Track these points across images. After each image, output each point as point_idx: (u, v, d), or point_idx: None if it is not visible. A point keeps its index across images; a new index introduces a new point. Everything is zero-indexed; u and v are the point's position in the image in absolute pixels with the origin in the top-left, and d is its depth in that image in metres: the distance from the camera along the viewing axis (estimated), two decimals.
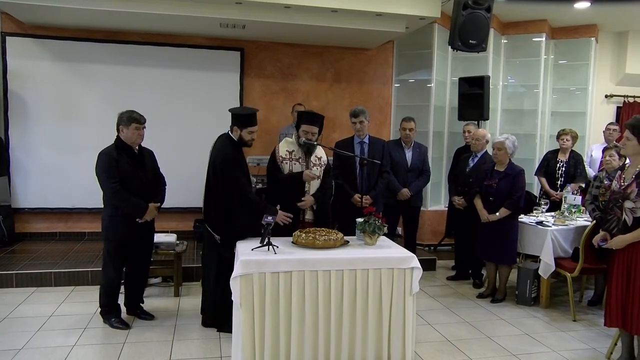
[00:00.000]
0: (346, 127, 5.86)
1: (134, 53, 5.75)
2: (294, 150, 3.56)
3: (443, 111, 6.47)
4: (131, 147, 3.49)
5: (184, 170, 5.79)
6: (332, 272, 2.79)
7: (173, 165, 5.78)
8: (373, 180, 4.33)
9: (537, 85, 6.54)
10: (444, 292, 4.68)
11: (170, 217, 5.93)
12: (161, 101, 5.84)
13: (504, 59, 6.67)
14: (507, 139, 4.27)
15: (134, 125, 3.45)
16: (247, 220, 3.04)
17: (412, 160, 4.88)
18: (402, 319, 2.91)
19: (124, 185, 3.39)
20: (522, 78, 6.67)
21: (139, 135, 3.48)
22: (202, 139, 5.48)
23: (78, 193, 5.61)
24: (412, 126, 4.85)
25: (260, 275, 2.70)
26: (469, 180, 4.67)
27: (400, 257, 2.92)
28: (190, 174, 5.67)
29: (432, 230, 6.32)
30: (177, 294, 4.31)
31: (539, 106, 6.57)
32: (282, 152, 3.56)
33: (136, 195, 3.44)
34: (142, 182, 3.50)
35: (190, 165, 5.74)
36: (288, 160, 3.54)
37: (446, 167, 6.37)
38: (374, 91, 6.64)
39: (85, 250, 5.21)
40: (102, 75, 5.70)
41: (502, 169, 4.30)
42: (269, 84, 6.29)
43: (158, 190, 3.65)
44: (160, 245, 4.30)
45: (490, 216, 4.26)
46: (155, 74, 5.83)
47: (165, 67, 5.84)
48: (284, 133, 5.67)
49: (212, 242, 3.33)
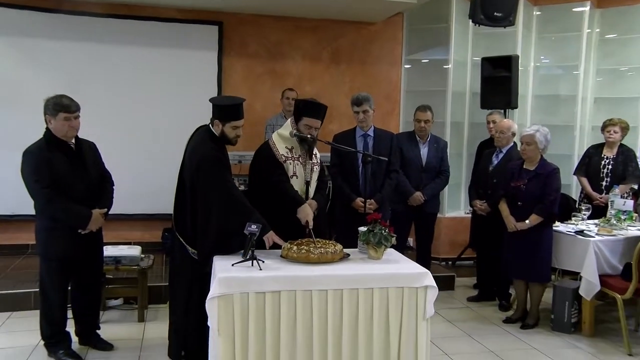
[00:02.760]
0: (346, 117, 5.85)
1: (90, 26, 5.73)
2: (292, 147, 3.52)
3: (462, 98, 6.50)
4: (65, 141, 3.41)
5: (151, 170, 5.79)
6: (329, 292, 2.78)
7: (137, 164, 5.85)
8: (379, 181, 4.34)
9: (576, 65, 6.53)
10: (464, 316, 4.70)
11: (134, 225, 5.92)
12: (122, 85, 5.84)
13: (536, 34, 6.68)
14: (537, 131, 4.28)
15: (62, 115, 3.34)
16: (238, 227, 2.99)
17: (427, 157, 4.90)
18: (413, 349, 2.90)
19: (60, 189, 3.32)
20: (559, 57, 6.68)
21: (70, 127, 3.38)
22: (172, 131, 5.48)
23: (17, 197, 5.52)
24: (428, 117, 4.86)
25: (242, 296, 2.69)
26: (493, 181, 4.69)
27: (411, 274, 2.92)
28: (158, 174, 5.67)
29: (450, 242, 6.34)
30: (142, 319, 4.30)
31: (579, 91, 6.56)
32: (282, 150, 3.50)
33: (76, 201, 3.38)
34: (83, 183, 3.44)
35: (158, 164, 5.75)
36: (291, 160, 3.49)
37: (467, 165, 6.39)
38: (379, 74, 6.66)
39: (28, 267, 5.16)
40: (50, 53, 5.66)
41: (532, 168, 4.32)
42: (253, 65, 6.29)
43: (104, 193, 3.61)
44: (122, 260, 4.29)
45: (518, 224, 4.27)
46: (115, 52, 5.82)
47: (128, 44, 5.84)
48: (272, 124, 5.67)
49: (183, 255, 3.32)
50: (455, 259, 6.28)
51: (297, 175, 3.49)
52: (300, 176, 3.51)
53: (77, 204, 3.39)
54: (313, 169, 3.57)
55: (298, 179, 3.50)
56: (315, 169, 3.60)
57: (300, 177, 3.50)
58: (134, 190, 5.60)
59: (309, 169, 3.55)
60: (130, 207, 5.74)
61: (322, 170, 3.73)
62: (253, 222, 2.94)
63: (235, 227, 3.00)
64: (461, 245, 6.18)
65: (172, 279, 3.51)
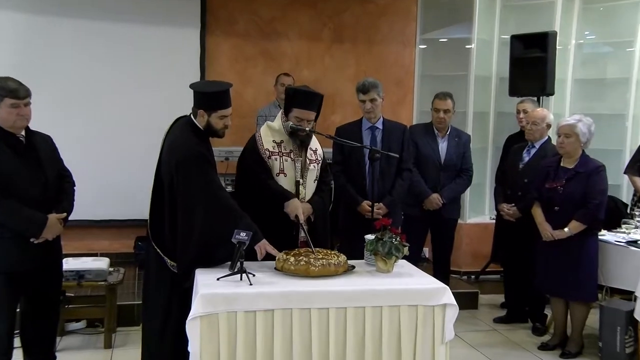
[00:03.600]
0: (351, 106, 5.88)
1: None
2: (282, 140, 3.55)
3: (488, 83, 6.51)
4: (13, 133, 3.37)
5: (120, 168, 5.79)
6: (331, 311, 2.78)
7: (105, 162, 5.83)
8: (389, 182, 4.35)
9: (631, 42, 6.34)
10: (490, 340, 4.70)
11: (100, 233, 5.93)
12: (86, 67, 5.82)
13: (580, 5, 6.53)
14: (578, 121, 4.27)
15: (8, 102, 3.28)
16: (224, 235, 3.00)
17: (447, 153, 4.92)
18: None
19: (6, 190, 3.26)
20: (607, 32, 6.55)
21: (18, 115, 3.33)
22: (146, 123, 5.49)
23: None
24: (448, 106, 4.87)
25: (229, 316, 2.70)
26: (524, 181, 4.70)
27: (427, 290, 2.92)
28: (130, 173, 5.68)
29: (472, 252, 6.36)
30: (109, 345, 4.30)
31: (633, 73, 6.34)
32: (268, 144, 3.54)
33: (28, 204, 3.33)
34: (37, 184, 3.40)
35: (130, 161, 5.76)
36: (277, 156, 3.53)
37: (492, 163, 6.40)
38: (389, 56, 6.67)
39: None
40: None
41: (572, 165, 4.33)
42: (242, 45, 6.30)
43: (62, 195, 3.58)
44: (86, 275, 4.29)
45: (555, 232, 4.27)
46: (76, 27, 5.79)
47: (95, 19, 5.81)
48: (264, 115, 5.68)
49: (160, 268, 3.33)
50: (479, 273, 6.29)
51: (284, 174, 3.51)
52: (290, 174, 3.52)
53: (28, 208, 3.35)
54: (308, 167, 3.58)
55: (286, 177, 3.52)
56: (312, 168, 3.60)
57: (289, 175, 3.52)
58: (100, 192, 5.62)
59: (302, 166, 3.56)
60: (95, 212, 5.76)
61: (324, 169, 3.74)
62: (242, 228, 2.95)
63: (221, 235, 3.01)
64: (485, 256, 6.19)
65: (147, 296, 3.52)
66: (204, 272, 3.01)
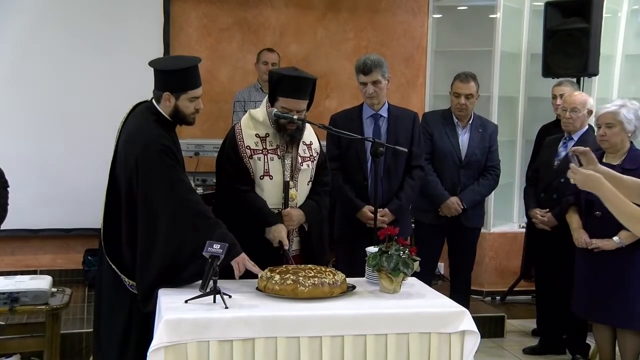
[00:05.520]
0: (349, 89, 5.92)
1: None
2: (267, 134, 3.57)
3: (517, 61, 6.56)
4: None
5: (66, 167, 5.80)
6: (324, 340, 2.80)
7: (45, 160, 5.80)
8: (396, 182, 4.38)
9: None
10: None
11: (41, 246, 5.93)
12: (20, 43, 5.82)
13: None
14: (621, 106, 4.23)
15: None
16: (194, 247, 3.03)
17: (469, 147, 4.94)
18: None
19: None
20: None
21: None
22: (96, 111, 5.54)
23: None
24: (471, 90, 4.90)
25: (199, 346, 2.71)
26: (560, 181, 4.72)
27: (442, 314, 2.95)
28: (77, 173, 5.71)
29: (498, 268, 6.40)
30: None
31: None
32: (249, 139, 3.55)
33: None
34: None
35: (77, 159, 5.79)
36: (261, 154, 3.55)
37: (522, 159, 6.43)
38: (396, 27, 6.70)
39: None
40: None
41: (618, 162, 4.34)
42: (214, 13, 6.31)
43: None
44: (21, 297, 4.26)
45: (599, 242, 4.27)
46: None
47: None
48: (242, 100, 5.70)
49: (115, 288, 3.35)
50: (505, 293, 6.33)
51: (270, 176, 3.54)
52: (277, 176, 3.55)
53: None
54: (300, 166, 3.61)
55: (272, 180, 3.54)
56: (305, 167, 3.63)
57: (275, 178, 3.55)
58: (41, 196, 5.64)
59: (292, 164, 3.59)
60: (35, 220, 5.77)
61: (321, 167, 3.76)
62: (216, 240, 2.97)
63: (191, 248, 3.04)
64: (514, 273, 6.24)
65: (99, 323, 3.53)
66: (169, 292, 3.03)
